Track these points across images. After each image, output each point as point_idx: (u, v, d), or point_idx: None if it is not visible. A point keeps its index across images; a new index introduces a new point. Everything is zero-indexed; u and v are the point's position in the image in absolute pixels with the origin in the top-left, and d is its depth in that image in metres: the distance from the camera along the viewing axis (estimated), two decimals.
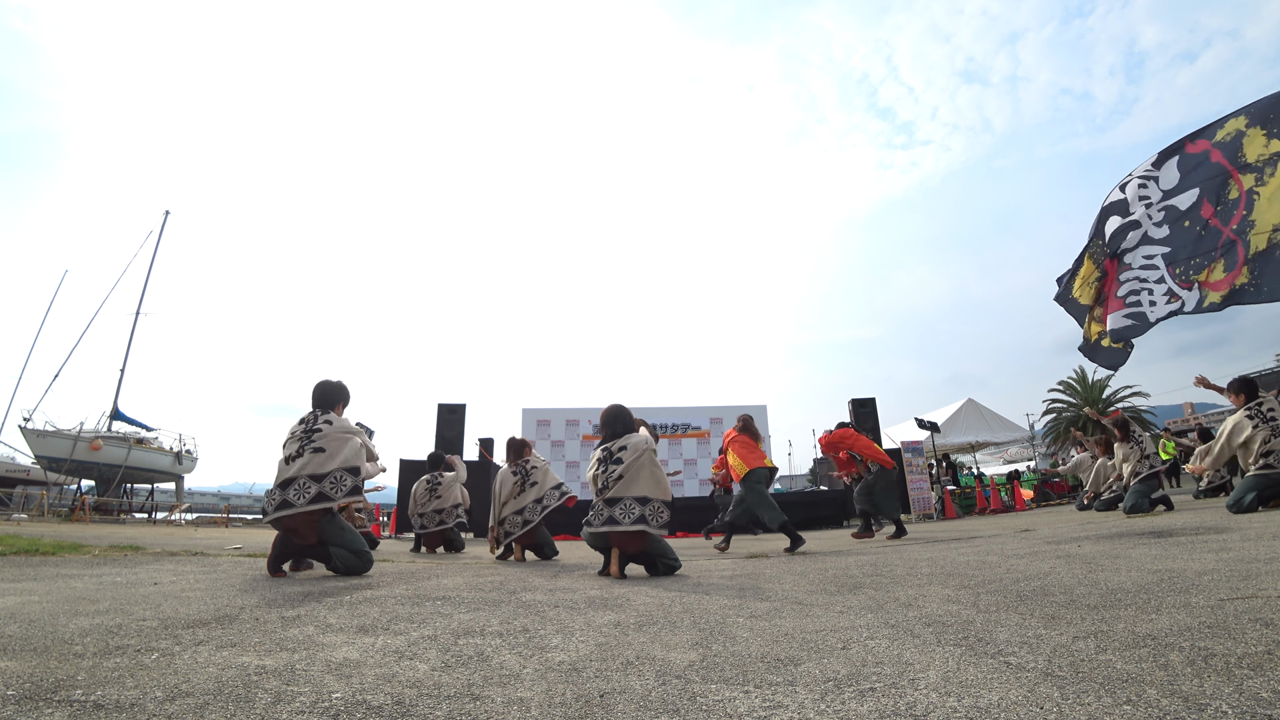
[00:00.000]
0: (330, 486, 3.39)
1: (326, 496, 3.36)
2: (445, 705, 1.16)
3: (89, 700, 1.16)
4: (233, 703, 1.16)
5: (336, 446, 3.48)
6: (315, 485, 3.36)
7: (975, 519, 10.63)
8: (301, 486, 3.34)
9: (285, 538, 3.35)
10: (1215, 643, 1.34)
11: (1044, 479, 16.33)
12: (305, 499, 3.32)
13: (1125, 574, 2.38)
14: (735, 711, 1.10)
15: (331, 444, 3.47)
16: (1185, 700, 1.02)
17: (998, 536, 5.06)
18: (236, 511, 34.61)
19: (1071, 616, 1.72)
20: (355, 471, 3.50)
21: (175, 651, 1.55)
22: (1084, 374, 33.74)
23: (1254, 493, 4.90)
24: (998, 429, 16.45)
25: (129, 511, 26.42)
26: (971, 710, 1.04)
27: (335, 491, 3.40)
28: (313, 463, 3.39)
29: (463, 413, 11.77)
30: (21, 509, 21.52)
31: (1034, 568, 2.80)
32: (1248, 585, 1.95)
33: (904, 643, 1.56)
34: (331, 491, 3.39)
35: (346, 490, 3.43)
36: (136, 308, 28.58)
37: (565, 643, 1.69)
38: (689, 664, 1.44)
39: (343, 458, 3.48)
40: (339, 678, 1.33)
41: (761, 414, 13.91)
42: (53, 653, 1.51)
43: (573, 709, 1.14)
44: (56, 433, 23.94)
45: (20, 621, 1.89)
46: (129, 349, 28.03)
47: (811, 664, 1.40)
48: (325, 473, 3.40)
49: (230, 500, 47.70)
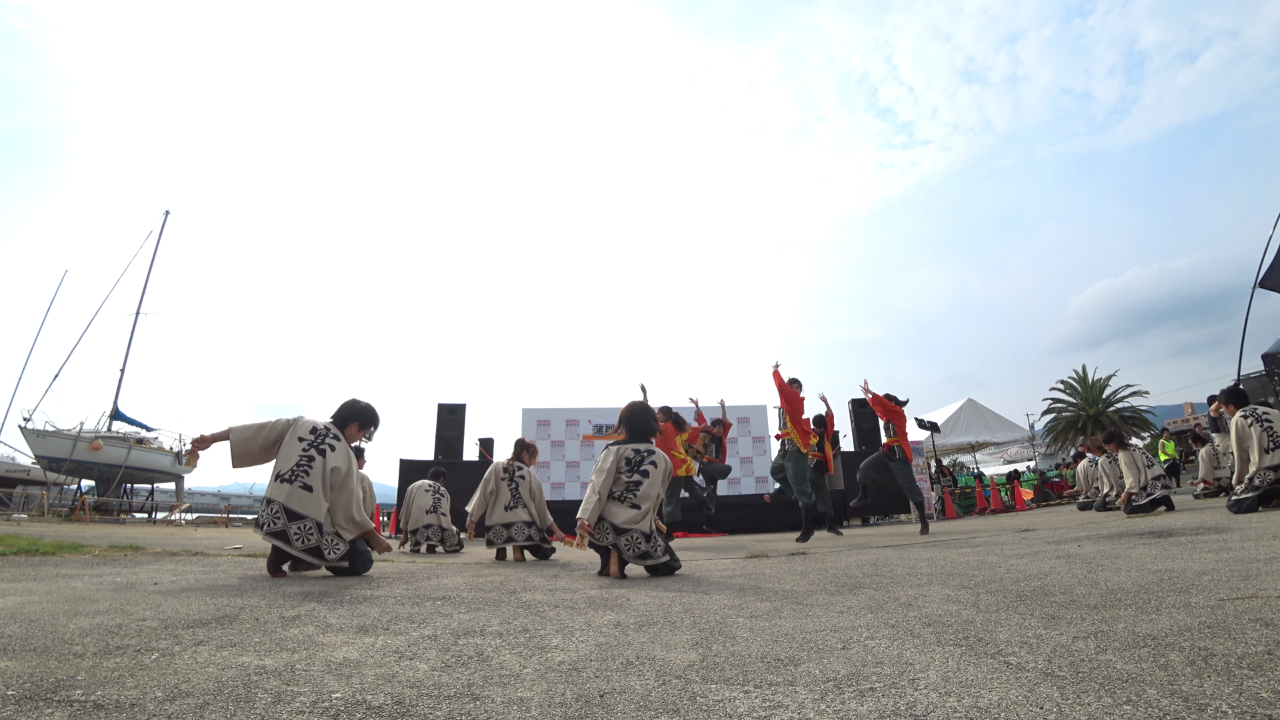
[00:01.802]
0: (326, 544, 3.31)
1: (320, 553, 3.28)
2: (445, 705, 1.16)
3: (89, 700, 1.16)
4: (233, 703, 1.16)
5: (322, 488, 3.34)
6: (315, 536, 3.27)
7: (975, 519, 10.63)
8: (304, 530, 3.26)
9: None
10: (1215, 643, 1.34)
11: (1044, 479, 16.34)
12: (301, 545, 3.24)
13: (1125, 574, 2.38)
14: (735, 711, 1.10)
15: (318, 482, 3.33)
16: (1185, 700, 1.02)
17: (998, 536, 5.06)
18: (236, 511, 34.59)
19: (1071, 616, 1.72)
20: (351, 526, 3.43)
21: (175, 651, 1.55)
22: (1084, 374, 33.74)
23: (1255, 494, 4.96)
24: (998, 429, 16.45)
25: (129, 511, 26.42)
26: (971, 710, 1.04)
27: (330, 552, 3.31)
28: (298, 499, 3.28)
29: (463, 413, 11.77)
30: (21, 509, 21.53)
31: (1034, 568, 2.80)
32: (1248, 585, 1.95)
33: (904, 643, 1.56)
34: (326, 552, 3.30)
35: (340, 554, 3.34)
36: (136, 308, 28.62)
37: (565, 643, 1.69)
38: (689, 664, 1.44)
39: (338, 507, 3.38)
40: (339, 678, 1.33)
41: (761, 414, 13.90)
42: (53, 653, 1.51)
43: (573, 709, 1.14)
44: (56, 433, 23.94)
45: (20, 621, 1.89)
46: (129, 349, 28.08)
47: (811, 664, 1.40)
48: (320, 522, 3.30)
49: (230, 500, 47.69)
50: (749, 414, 13.82)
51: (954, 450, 18.04)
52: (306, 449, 3.36)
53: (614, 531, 3.38)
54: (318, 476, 3.32)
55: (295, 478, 3.28)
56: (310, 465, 3.32)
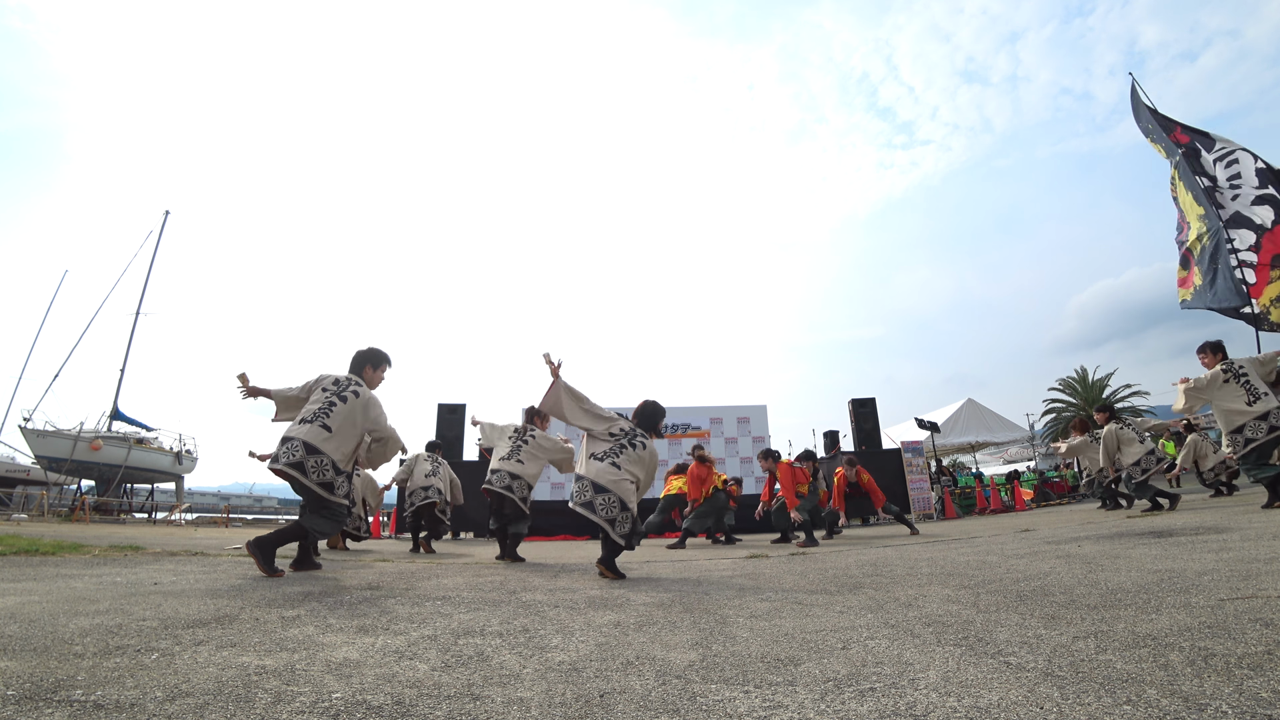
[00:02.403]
0: (337, 484, 3.53)
1: (330, 488, 3.51)
2: (445, 705, 1.16)
3: (89, 700, 1.16)
4: (233, 703, 1.16)
5: (340, 431, 3.57)
6: (330, 473, 3.50)
7: (975, 519, 10.63)
8: (320, 465, 3.47)
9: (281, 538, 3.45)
10: (1215, 643, 1.34)
11: (1044, 479, 16.33)
12: (316, 479, 3.44)
13: (1125, 574, 2.38)
14: (735, 711, 1.10)
15: (337, 425, 3.56)
16: (1185, 700, 1.02)
17: (998, 536, 5.06)
18: (236, 511, 34.58)
19: (1071, 616, 1.72)
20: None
21: (175, 651, 1.55)
22: (1084, 374, 33.72)
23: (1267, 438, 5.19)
24: (998, 429, 16.45)
25: (129, 511, 26.42)
26: (971, 710, 1.05)
27: (338, 491, 3.56)
28: (318, 436, 3.50)
29: (462, 413, 11.77)
30: (21, 509, 21.53)
31: (1034, 568, 2.80)
32: (1248, 585, 1.95)
33: (904, 643, 1.56)
34: (336, 489, 3.54)
35: (344, 494, 3.61)
36: (136, 308, 28.59)
37: (565, 643, 1.69)
38: (689, 664, 1.44)
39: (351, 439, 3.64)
40: (339, 678, 1.33)
41: (761, 414, 13.88)
42: (53, 653, 1.51)
43: (573, 709, 1.14)
44: (56, 433, 23.94)
45: (20, 621, 1.89)
46: (129, 349, 28.05)
47: (811, 664, 1.40)
48: (336, 461, 3.52)
49: (230, 500, 47.70)
50: (749, 414, 13.82)
51: (954, 450, 18.04)
52: (329, 397, 3.64)
53: (594, 489, 3.56)
54: (338, 419, 3.56)
55: (317, 419, 3.54)
56: (331, 410, 3.57)
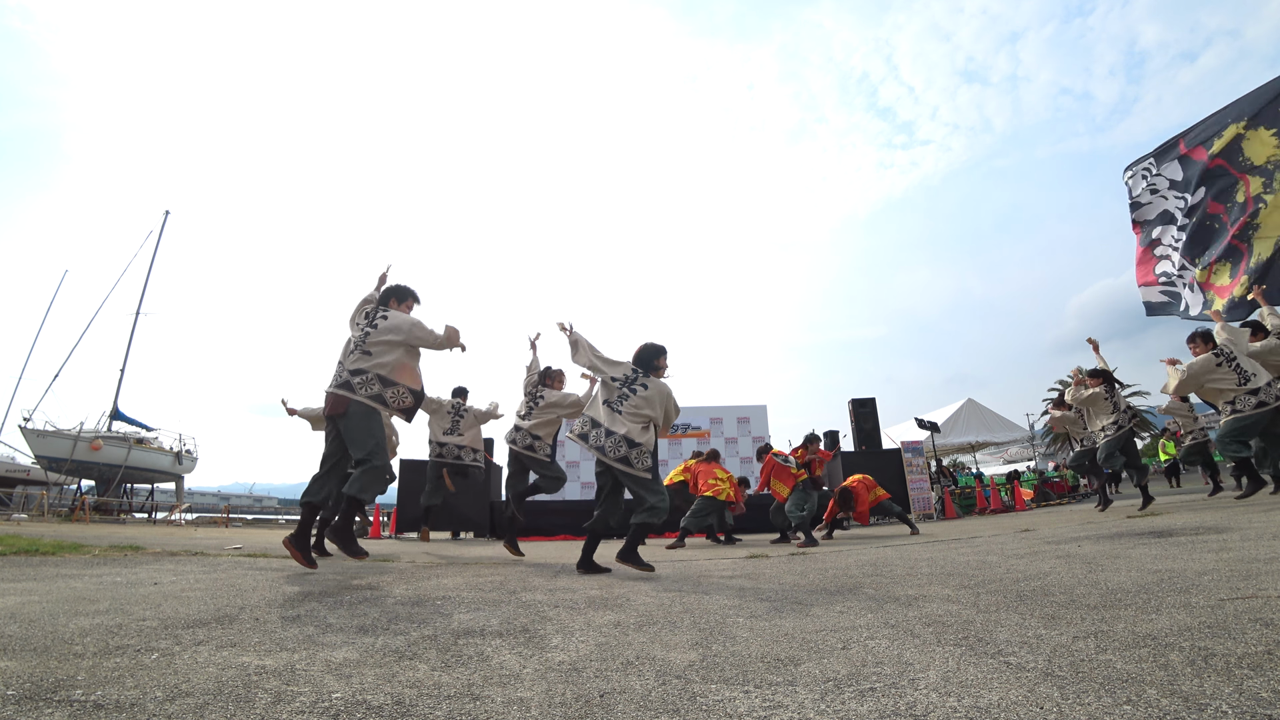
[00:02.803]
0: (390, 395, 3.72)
1: (383, 400, 3.71)
2: (445, 705, 1.17)
3: (89, 700, 1.16)
4: (233, 703, 1.16)
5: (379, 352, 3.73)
6: (378, 386, 3.70)
7: (975, 519, 10.63)
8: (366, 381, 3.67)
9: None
10: (1215, 643, 1.34)
11: (1044, 479, 16.33)
12: (366, 394, 3.64)
13: (1125, 574, 2.38)
14: (735, 711, 1.10)
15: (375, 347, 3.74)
16: (1185, 700, 1.02)
17: (998, 536, 5.06)
18: (236, 511, 34.57)
19: (1071, 616, 1.72)
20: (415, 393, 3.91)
21: (175, 651, 1.55)
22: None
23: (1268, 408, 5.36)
24: (998, 429, 16.45)
25: (129, 511, 26.40)
26: (971, 710, 1.05)
27: (394, 401, 3.76)
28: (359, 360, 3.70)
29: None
30: (21, 509, 21.52)
31: (1034, 568, 2.80)
32: (1248, 585, 1.95)
33: (904, 643, 1.56)
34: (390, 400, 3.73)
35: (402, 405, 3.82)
36: (136, 308, 28.59)
37: (565, 643, 1.70)
38: (689, 664, 1.44)
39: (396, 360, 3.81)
40: (339, 678, 1.33)
41: (761, 414, 13.87)
42: (53, 653, 1.51)
43: (573, 709, 1.14)
44: (56, 433, 23.93)
45: (20, 621, 1.89)
46: (129, 349, 28.05)
47: (811, 664, 1.40)
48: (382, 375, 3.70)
49: (230, 500, 47.70)
50: (749, 414, 13.81)
51: (954, 450, 18.03)
52: (364, 326, 3.86)
53: (605, 434, 3.67)
54: (375, 341, 3.79)
55: (358, 346, 3.76)
56: (366, 336, 3.80)
